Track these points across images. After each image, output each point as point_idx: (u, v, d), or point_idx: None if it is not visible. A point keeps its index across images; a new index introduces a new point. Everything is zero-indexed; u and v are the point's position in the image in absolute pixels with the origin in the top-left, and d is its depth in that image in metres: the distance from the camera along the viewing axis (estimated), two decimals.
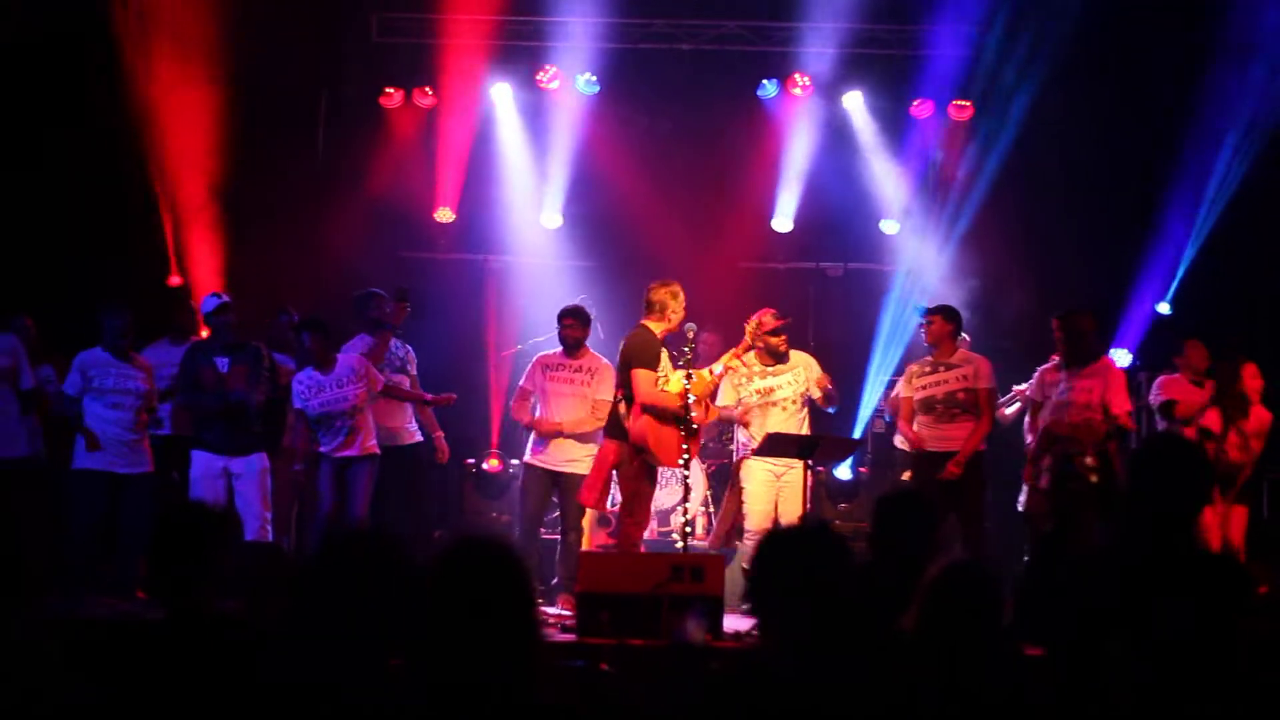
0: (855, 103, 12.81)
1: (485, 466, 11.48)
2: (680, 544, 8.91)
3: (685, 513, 8.93)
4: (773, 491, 9.31)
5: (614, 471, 8.90)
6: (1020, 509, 9.41)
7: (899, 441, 10.04)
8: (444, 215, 12.75)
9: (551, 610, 9.10)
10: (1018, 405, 9.93)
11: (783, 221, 12.72)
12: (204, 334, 9.89)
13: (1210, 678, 3.99)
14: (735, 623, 8.40)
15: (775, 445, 9.08)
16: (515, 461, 10.85)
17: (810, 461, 8.90)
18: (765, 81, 12.68)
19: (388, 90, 12.64)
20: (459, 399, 10.34)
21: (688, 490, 8.89)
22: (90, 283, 10.62)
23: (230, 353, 9.19)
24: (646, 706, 4.93)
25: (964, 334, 9.85)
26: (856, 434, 11.78)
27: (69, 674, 3.79)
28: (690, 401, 8.64)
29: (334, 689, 3.11)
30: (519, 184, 12.82)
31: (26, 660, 3.77)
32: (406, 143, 12.76)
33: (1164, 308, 11.96)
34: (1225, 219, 11.85)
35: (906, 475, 9.46)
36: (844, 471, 11.39)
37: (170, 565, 3.88)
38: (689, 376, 8.70)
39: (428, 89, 12.67)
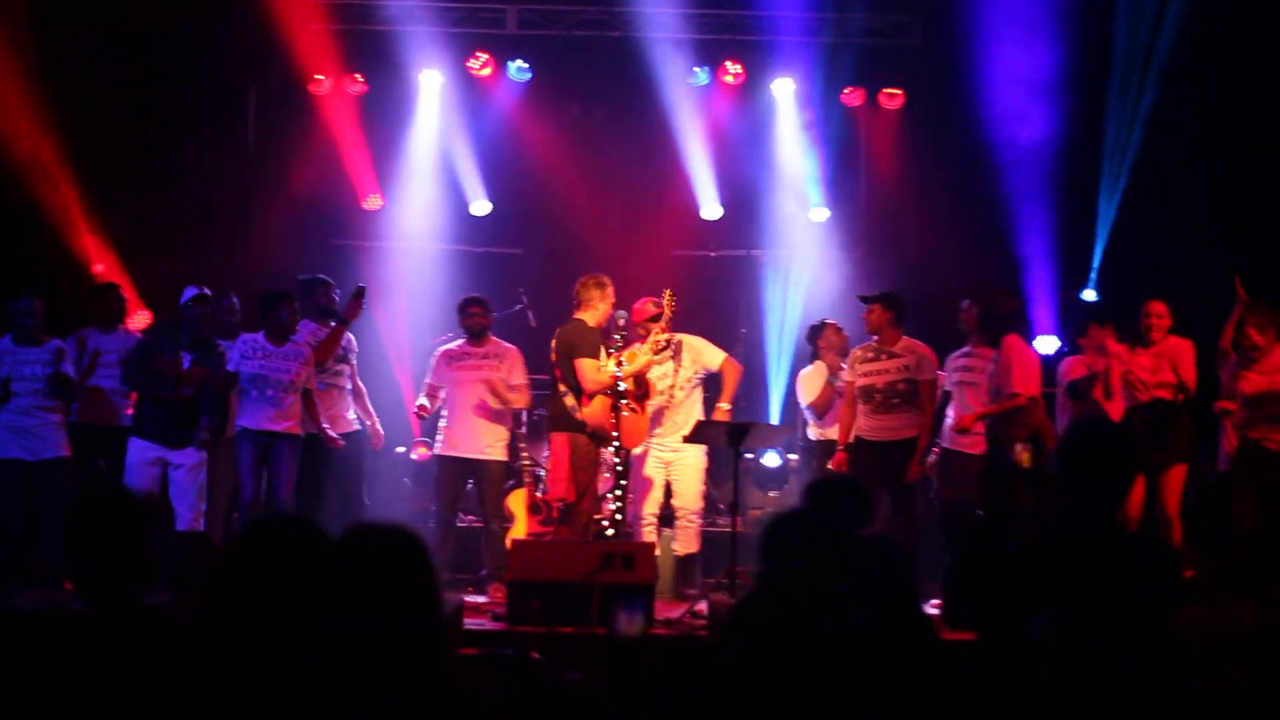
0: (786, 90, 12.80)
1: (414, 456, 11.40)
2: (611, 531, 8.90)
3: (616, 500, 8.95)
4: (662, 476, 9.52)
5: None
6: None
7: (815, 433, 10.07)
8: (373, 203, 12.65)
9: (482, 599, 9.07)
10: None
11: (712, 209, 12.71)
12: (139, 317, 9.78)
13: (1141, 662, 4.02)
14: (666, 610, 8.44)
15: (704, 433, 9.16)
16: None
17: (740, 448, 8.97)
18: (696, 69, 12.66)
19: (317, 77, 12.51)
20: (389, 388, 10.28)
21: (619, 477, 8.90)
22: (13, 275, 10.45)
23: (196, 349, 9.08)
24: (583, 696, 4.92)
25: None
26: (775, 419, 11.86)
27: None
28: (629, 386, 8.83)
29: (256, 679, 3.08)
30: (449, 171, 12.73)
31: None
32: (336, 130, 12.63)
33: (1089, 294, 12.02)
34: (1132, 198, 11.93)
35: (833, 463, 9.48)
36: (772, 459, 11.41)
37: (84, 555, 3.80)
38: (619, 363, 8.91)
39: (357, 76, 12.56)
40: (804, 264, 12.79)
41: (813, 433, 10.13)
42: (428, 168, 12.72)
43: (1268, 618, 7.39)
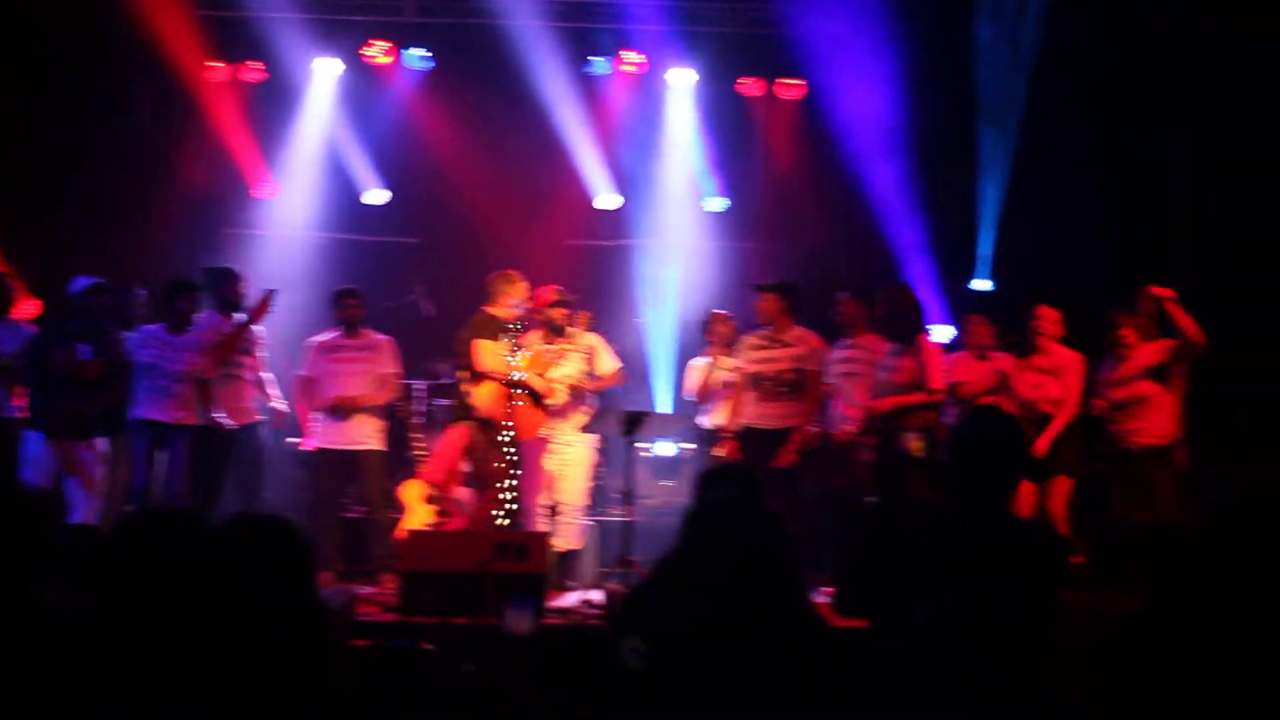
0: (683, 80, 12.80)
1: (305, 447, 11.26)
2: (505, 521, 8.86)
3: (509, 490, 8.93)
4: (551, 469, 9.53)
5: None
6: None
7: (707, 421, 10.10)
8: (268, 192, 12.47)
9: (373, 590, 8.99)
10: None
11: (609, 198, 12.68)
12: (26, 306, 9.59)
13: (1028, 648, 4.06)
14: (562, 600, 8.43)
15: (599, 421, 9.20)
16: None
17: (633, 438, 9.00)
18: (595, 58, 12.63)
19: (212, 65, 12.30)
20: (291, 380, 10.16)
21: (512, 467, 8.86)
22: None
23: (94, 340, 8.91)
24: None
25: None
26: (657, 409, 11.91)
27: None
28: (522, 377, 8.89)
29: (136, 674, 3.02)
30: (345, 160, 12.59)
31: None
32: (230, 118, 12.45)
33: (984, 284, 12.14)
34: (1021, 187, 12.09)
35: (722, 451, 9.53)
36: (667, 448, 11.42)
37: None
38: (514, 352, 8.95)
39: (254, 63, 12.38)
40: (699, 253, 12.80)
41: (705, 421, 10.17)
42: (323, 156, 12.58)
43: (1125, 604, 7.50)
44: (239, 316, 9.58)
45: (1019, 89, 11.95)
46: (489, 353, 9.03)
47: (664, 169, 12.92)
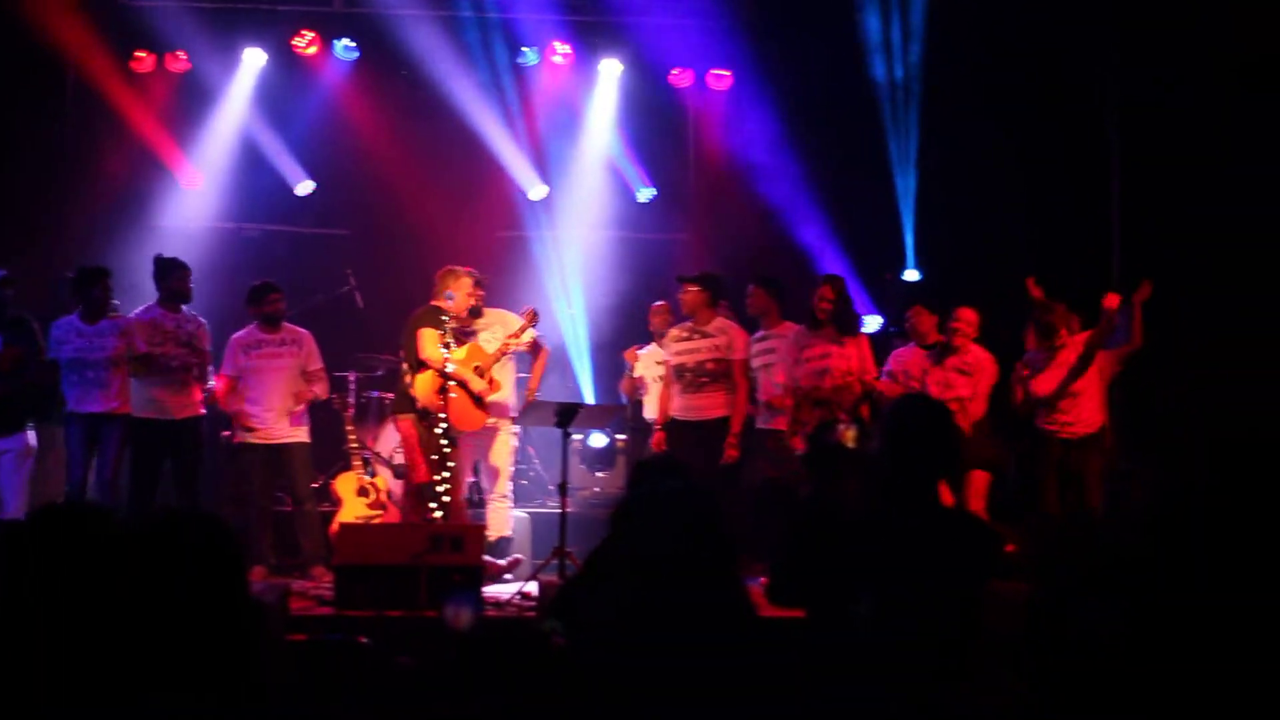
0: (613, 71, 12.81)
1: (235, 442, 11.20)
2: (439, 514, 8.86)
3: (443, 482, 8.93)
4: (472, 455, 9.60)
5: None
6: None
7: (647, 411, 10.19)
8: (193, 182, 12.35)
9: (306, 584, 8.97)
10: None
11: (538, 189, 12.68)
12: None
13: (960, 637, 4.11)
14: (497, 591, 8.45)
15: (533, 413, 9.23)
16: None
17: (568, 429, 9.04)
18: (525, 49, 12.60)
19: (139, 54, 12.17)
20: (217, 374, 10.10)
21: (445, 459, 8.86)
22: None
23: (6, 329, 8.81)
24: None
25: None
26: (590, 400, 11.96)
27: None
28: (455, 370, 8.91)
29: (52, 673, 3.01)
30: (272, 151, 12.47)
31: None
32: (159, 109, 12.32)
33: (913, 274, 12.24)
34: (933, 177, 12.20)
35: (651, 442, 9.62)
36: (599, 439, 11.46)
37: None
38: (447, 346, 8.94)
39: (180, 53, 12.25)
40: (628, 244, 12.84)
41: (647, 412, 10.29)
42: (250, 148, 12.45)
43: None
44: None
45: (915, 78, 12.06)
46: (430, 341, 9.04)
47: (593, 160, 12.92)
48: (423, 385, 9.03)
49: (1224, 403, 9.14)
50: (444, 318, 9.08)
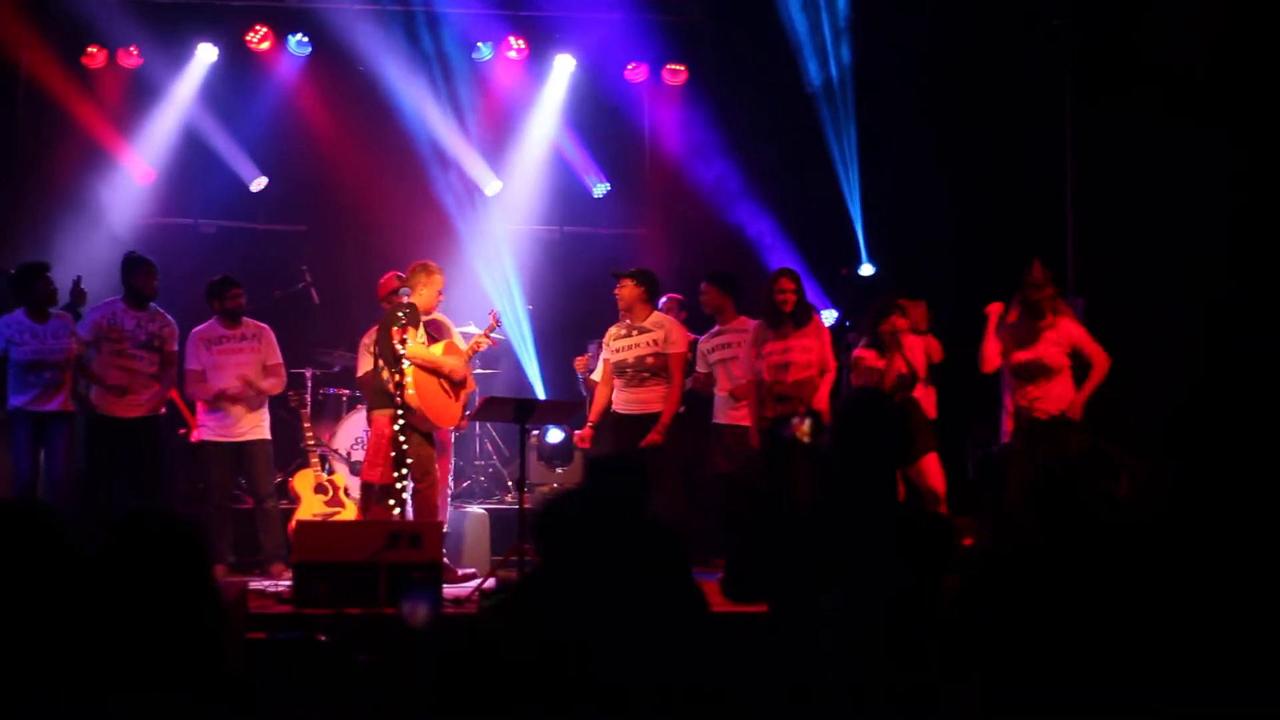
0: (568, 66, 12.81)
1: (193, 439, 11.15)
2: (397, 511, 8.84)
3: (401, 479, 8.90)
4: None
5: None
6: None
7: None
8: (146, 178, 12.27)
9: (266, 582, 8.95)
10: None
11: (492, 184, 12.67)
12: None
13: (915, 630, 4.16)
14: (455, 590, 8.44)
15: (491, 409, 9.24)
16: None
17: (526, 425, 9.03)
18: (480, 44, 12.59)
19: (90, 49, 12.08)
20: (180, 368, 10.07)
21: (404, 456, 8.82)
22: None
23: None
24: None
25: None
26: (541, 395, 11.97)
27: None
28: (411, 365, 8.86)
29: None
30: (225, 146, 12.40)
31: None
32: (111, 105, 12.24)
33: (866, 269, 12.29)
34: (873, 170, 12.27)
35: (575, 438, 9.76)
36: (555, 435, 11.48)
37: None
38: (403, 342, 8.87)
39: (133, 48, 12.16)
40: (582, 239, 12.85)
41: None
42: (203, 143, 12.37)
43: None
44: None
45: (848, 76, 12.13)
46: (401, 338, 8.91)
47: (547, 155, 12.93)
48: (420, 384, 8.97)
49: None
50: (400, 314, 9.06)
